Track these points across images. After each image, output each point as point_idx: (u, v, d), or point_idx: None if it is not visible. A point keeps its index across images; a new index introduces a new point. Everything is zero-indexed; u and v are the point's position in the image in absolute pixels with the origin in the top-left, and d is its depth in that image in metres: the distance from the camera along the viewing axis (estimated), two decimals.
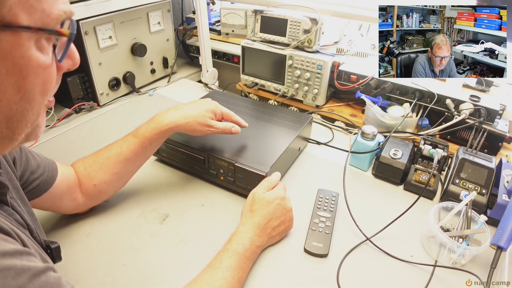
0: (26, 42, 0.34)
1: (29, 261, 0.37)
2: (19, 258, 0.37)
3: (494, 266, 0.63)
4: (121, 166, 0.74)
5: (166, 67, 1.46)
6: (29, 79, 0.36)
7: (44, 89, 0.38)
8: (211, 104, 0.80)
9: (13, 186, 0.53)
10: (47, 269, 0.39)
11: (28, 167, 0.61)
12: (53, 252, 0.54)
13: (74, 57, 0.43)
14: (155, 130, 0.74)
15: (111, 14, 1.15)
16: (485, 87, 1.01)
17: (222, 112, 0.81)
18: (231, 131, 0.80)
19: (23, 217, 0.49)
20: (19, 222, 0.48)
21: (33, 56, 0.35)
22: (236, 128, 0.81)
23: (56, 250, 0.55)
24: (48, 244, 0.54)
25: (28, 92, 0.36)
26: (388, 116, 1.01)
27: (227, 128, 0.79)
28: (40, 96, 0.38)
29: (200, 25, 1.24)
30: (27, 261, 0.37)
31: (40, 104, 0.39)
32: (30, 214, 0.54)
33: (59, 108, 1.20)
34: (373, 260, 0.69)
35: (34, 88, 0.37)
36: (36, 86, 0.37)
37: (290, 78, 1.18)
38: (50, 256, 0.53)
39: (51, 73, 0.39)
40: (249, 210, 0.70)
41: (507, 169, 0.79)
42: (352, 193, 0.82)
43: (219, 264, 0.59)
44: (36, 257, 0.40)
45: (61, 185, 0.68)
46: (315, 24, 1.07)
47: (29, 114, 0.38)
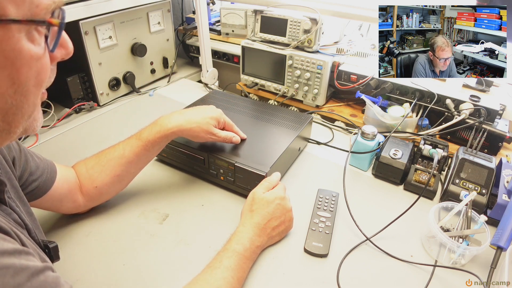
0: (16, 34, 0.34)
1: (27, 261, 0.37)
2: (18, 257, 0.37)
3: (494, 266, 0.63)
4: (123, 169, 0.74)
5: (166, 67, 1.46)
6: (22, 71, 0.35)
7: (38, 80, 0.38)
8: (215, 111, 0.81)
9: (11, 185, 0.53)
10: (45, 269, 0.39)
11: (27, 168, 0.61)
12: (51, 251, 0.54)
13: (67, 46, 0.42)
14: (158, 133, 0.74)
15: (111, 14, 1.15)
16: (485, 87, 1.01)
17: (225, 121, 0.82)
18: (232, 140, 0.82)
19: (21, 217, 0.49)
20: (17, 221, 0.48)
21: (24, 48, 0.35)
22: (236, 138, 0.83)
23: (54, 250, 0.55)
24: (46, 244, 0.54)
25: (22, 84, 0.36)
26: (388, 116, 1.01)
27: (228, 137, 0.81)
28: (35, 88, 0.38)
29: (200, 25, 1.24)
30: (26, 261, 0.37)
31: (35, 96, 0.39)
32: (28, 214, 0.54)
33: (59, 108, 1.20)
34: (373, 260, 0.69)
35: (28, 80, 0.36)
36: (30, 78, 0.37)
37: (290, 78, 1.18)
38: (48, 256, 0.53)
39: (44, 63, 0.38)
40: (249, 210, 0.70)
41: (507, 169, 0.79)
42: (352, 193, 0.82)
43: (219, 264, 0.59)
44: (34, 256, 0.40)
45: (61, 187, 0.68)
46: (315, 24, 1.07)
47: (25, 107, 0.38)
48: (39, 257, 0.44)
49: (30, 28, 0.35)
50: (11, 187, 0.53)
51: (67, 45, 0.42)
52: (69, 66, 1.17)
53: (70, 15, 1.03)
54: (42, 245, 0.53)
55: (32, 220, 0.53)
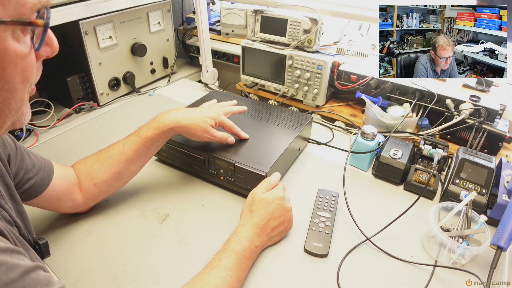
0: (2, 34, 0.34)
1: (19, 260, 0.38)
2: (10, 255, 0.38)
3: (494, 266, 0.63)
4: (123, 166, 0.74)
5: (166, 67, 1.46)
6: (8, 70, 0.36)
7: (24, 77, 0.38)
8: (214, 112, 0.82)
9: (3, 183, 0.53)
10: (37, 267, 0.40)
11: (23, 165, 0.61)
12: (42, 248, 0.55)
13: (53, 44, 0.42)
14: (157, 129, 0.74)
15: (111, 14, 1.15)
16: (485, 87, 1.01)
17: (223, 122, 0.83)
18: (227, 141, 0.83)
19: (10, 215, 0.50)
20: (6, 219, 0.48)
21: (10, 47, 0.35)
22: (231, 138, 0.84)
23: (44, 246, 0.56)
24: (36, 241, 0.55)
25: (8, 82, 0.37)
26: (388, 116, 1.01)
27: (223, 138, 0.82)
28: (21, 85, 0.39)
29: (200, 25, 1.24)
30: (17, 259, 0.38)
31: (22, 92, 0.40)
32: (19, 213, 0.54)
33: (59, 108, 1.20)
34: (373, 260, 0.69)
35: (14, 78, 0.37)
36: (15, 76, 0.37)
37: (290, 78, 1.18)
38: (39, 253, 0.54)
39: (29, 62, 0.38)
40: (248, 210, 0.70)
41: (507, 169, 0.79)
42: (352, 193, 0.82)
43: (217, 264, 0.59)
44: (26, 256, 0.41)
45: (59, 186, 0.68)
46: (315, 24, 1.07)
47: (12, 103, 0.39)
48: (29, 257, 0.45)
49: (16, 28, 0.36)
50: (3, 185, 0.53)
51: (53, 43, 0.42)
52: (69, 66, 1.18)
53: (70, 15, 1.03)
54: (33, 242, 0.54)
55: (22, 219, 0.54)
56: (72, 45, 1.13)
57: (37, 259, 0.51)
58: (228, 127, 0.84)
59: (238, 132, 0.86)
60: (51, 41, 0.42)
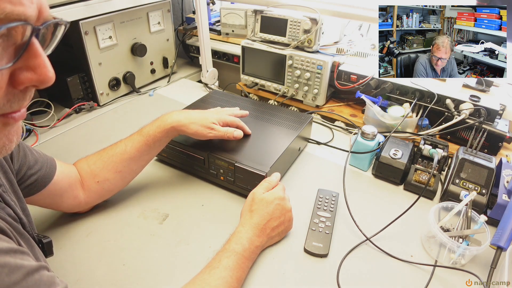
0: None
1: (22, 260, 0.38)
2: (13, 256, 0.37)
3: (494, 266, 0.63)
4: (125, 165, 0.74)
5: (166, 67, 1.46)
6: None
7: None
8: (217, 112, 0.82)
9: (7, 180, 0.53)
10: (40, 268, 0.39)
11: (26, 162, 0.61)
12: (45, 246, 0.55)
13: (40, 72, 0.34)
14: (159, 128, 0.75)
15: (111, 14, 1.15)
16: (485, 87, 1.01)
17: (226, 119, 0.83)
18: (233, 135, 0.82)
19: (15, 211, 0.49)
20: (11, 216, 0.48)
21: None
22: (238, 132, 0.83)
23: (48, 245, 0.55)
24: (40, 239, 0.55)
25: None
26: (388, 116, 1.01)
27: (229, 132, 0.81)
28: None
29: (200, 25, 1.24)
30: (21, 260, 0.38)
31: None
32: (22, 209, 0.54)
33: (59, 108, 1.20)
34: (373, 260, 0.69)
35: None
36: None
37: (290, 78, 1.18)
38: (43, 251, 0.53)
39: None
40: (248, 210, 0.70)
41: (507, 169, 0.79)
42: (352, 193, 0.82)
43: (218, 264, 0.59)
44: (30, 255, 0.40)
45: (61, 182, 0.68)
46: (315, 24, 1.07)
47: None
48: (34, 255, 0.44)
49: None
50: (6, 181, 0.53)
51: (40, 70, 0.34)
52: (69, 66, 1.18)
53: (70, 15, 1.03)
54: (37, 239, 0.54)
55: (26, 215, 0.54)
56: (72, 45, 1.13)
57: (41, 256, 0.51)
58: (232, 123, 0.84)
59: (243, 127, 0.85)
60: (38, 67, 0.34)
